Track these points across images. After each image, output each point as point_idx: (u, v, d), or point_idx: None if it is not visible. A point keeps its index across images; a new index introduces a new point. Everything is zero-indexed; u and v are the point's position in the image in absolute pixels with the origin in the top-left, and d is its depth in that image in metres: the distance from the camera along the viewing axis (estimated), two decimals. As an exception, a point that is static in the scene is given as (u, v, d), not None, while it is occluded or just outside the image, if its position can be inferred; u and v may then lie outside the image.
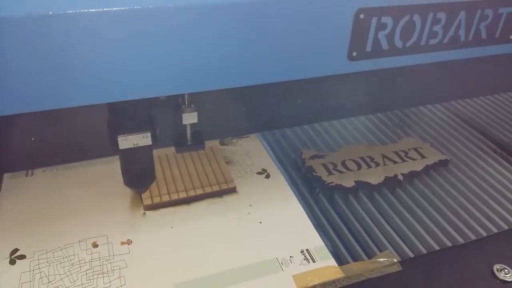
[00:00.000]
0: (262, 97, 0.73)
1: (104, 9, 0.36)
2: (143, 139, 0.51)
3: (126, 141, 0.50)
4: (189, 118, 0.58)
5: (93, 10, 0.35)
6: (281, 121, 0.78)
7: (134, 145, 0.50)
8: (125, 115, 0.50)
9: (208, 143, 0.69)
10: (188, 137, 0.63)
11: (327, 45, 0.45)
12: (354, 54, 0.46)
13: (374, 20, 0.45)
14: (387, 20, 0.46)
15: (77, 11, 0.35)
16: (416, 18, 0.47)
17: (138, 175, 0.55)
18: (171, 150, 0.66)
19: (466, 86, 0.89)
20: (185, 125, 0.60)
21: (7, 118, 0.40)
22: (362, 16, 0.44)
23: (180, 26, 0.38)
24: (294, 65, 0.45)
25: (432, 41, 0.49)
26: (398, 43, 0.48)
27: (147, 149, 0.52)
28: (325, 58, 0.46)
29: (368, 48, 0.47)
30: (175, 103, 0.59)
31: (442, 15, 0.48)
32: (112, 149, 0.51)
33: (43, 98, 0.38)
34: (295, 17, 0.42)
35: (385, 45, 0.47)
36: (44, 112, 0.39)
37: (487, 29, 0.51)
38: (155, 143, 0.52)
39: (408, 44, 0.48)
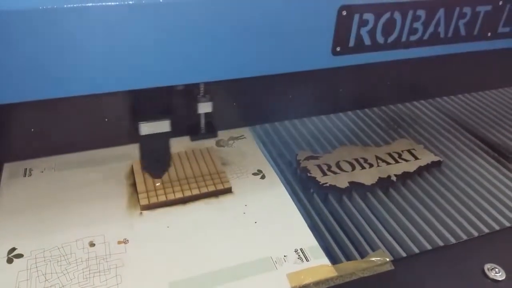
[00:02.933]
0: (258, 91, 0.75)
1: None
2: (162, 126, 0.54)
3: (147, 128, 0.54)
4: (204, 107, 0.61)
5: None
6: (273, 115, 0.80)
7: (154, 131, 0.54)
8: (146, 102, 0.53)
9: (205, 144, 0.70)
10: (202, 126, 0.65)
11: (312, 40, 0.47)
12: (338, 49, 0.49)
13: (356, 17, 0.47)
14: (369, 17, 0.48)
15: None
16: (397, 15, 0.49)
17: (156, 160, 0.59)
18: (184, 139, 0.70)
19: (455, 82, 0.92)
20: (199, 114, 0.63)
21: (7, 108, 0.42)
22: (344, 13, 0.46)
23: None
24: (281, 59, 0.47)
25: (413, 38, 0.51)
26: (380, 39, 0.50)
27: (166, 136, 0.56)
28: (310, 53, 0.48)
29: (351, 43, 0.49)
30: (190, 93, 0.63)
31: (421, 13, 0.50)
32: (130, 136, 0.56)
33: (45, 87, 0.40)
34: (282, 13, 0.44)
35: (367, 41, 0.50)
36: (45, 103, 0.41)
37: (466, 26, 0.53)
38: (172, 130, 0.56)
39: (390, 40, 0.50)
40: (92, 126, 0.68)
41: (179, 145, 0.70)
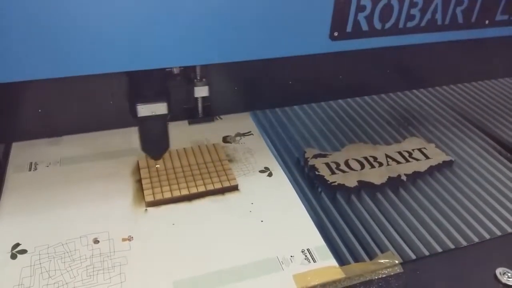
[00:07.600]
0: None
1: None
2: (160, 108, 0.54)
3: (144, 109, 0.54)
4: (201, 91, 0.61)
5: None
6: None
7: (151, 113, 0.54)
8: (144, 85, 0.53)
9: (211, 140, 0.69)
10: (200, 110, 0.65)
11: (310, 24, 0.47)
12: (336, 34, 0.49)
13: (353, 2, 0.47)
14: (366, 2, 0.48)
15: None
16: (394, 2, 0.49)
17: (154, 142, 0.60)
18: (183, 123, 0.71)
19: (456, 70, 0.91)
20: (197, 98, 0.63)
21: (15, 87, 0.43)
22: None
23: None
24: (278, 43, 0.47)
25: (410, 24, 0.51)
26: (377, 24, 0.50)
27: (163, 118, 0.56)
28: (308, 37, 0.48)
29: (349, 28, 0.49)
30: (188, 77, 0.63)
31: None
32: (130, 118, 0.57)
33: (51, 65, 0.41)
34: None
35: (364, 27, 0.50)
36: (52, 83, 0.41)
37: (463, 13, 0.53)
38: (169, 113, 0.56)
39: (387, 26, 0.50)
40: (97, 108, 0.68)
41: (177, 129, 0.70)
